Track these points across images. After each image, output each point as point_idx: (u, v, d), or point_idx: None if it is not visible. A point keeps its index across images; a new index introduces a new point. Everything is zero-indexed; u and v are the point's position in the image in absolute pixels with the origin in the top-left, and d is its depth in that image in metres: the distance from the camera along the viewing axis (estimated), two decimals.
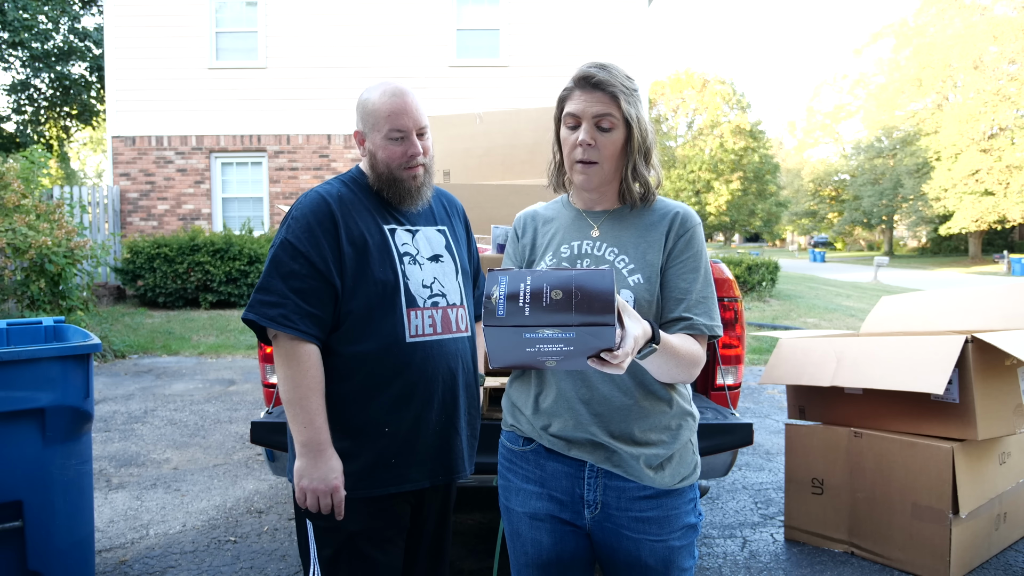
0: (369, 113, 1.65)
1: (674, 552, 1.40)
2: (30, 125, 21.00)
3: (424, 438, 1.65)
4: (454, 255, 1.78)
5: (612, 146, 1.38)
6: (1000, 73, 32.29)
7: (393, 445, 1.62)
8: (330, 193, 1.65)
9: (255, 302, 1.56)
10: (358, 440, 1.61)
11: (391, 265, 1.64)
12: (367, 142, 1.68)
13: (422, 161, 1.67)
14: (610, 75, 1.36)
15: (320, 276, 1.57)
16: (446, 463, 1.70)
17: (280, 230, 1.64)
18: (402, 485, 1.64)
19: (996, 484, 2.91)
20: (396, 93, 1.63)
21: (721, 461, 2.47)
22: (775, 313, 11.23)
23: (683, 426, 1.42)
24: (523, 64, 12.62)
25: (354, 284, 1.60)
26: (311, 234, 1.58)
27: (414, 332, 1.63)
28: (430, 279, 1.69)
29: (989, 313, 3.10)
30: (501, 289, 1.07)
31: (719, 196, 45.16)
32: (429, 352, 1.64)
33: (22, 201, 7.44)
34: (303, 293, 1.55)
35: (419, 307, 1.65)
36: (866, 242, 52.90)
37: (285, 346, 1.55)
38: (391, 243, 1.66)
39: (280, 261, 1.58)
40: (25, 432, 2.28)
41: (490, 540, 3.11)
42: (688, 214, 1.43)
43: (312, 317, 1.56)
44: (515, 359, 1.09)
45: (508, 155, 3.43)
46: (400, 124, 1.63)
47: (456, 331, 1.71)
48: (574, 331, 1.03)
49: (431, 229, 1.76)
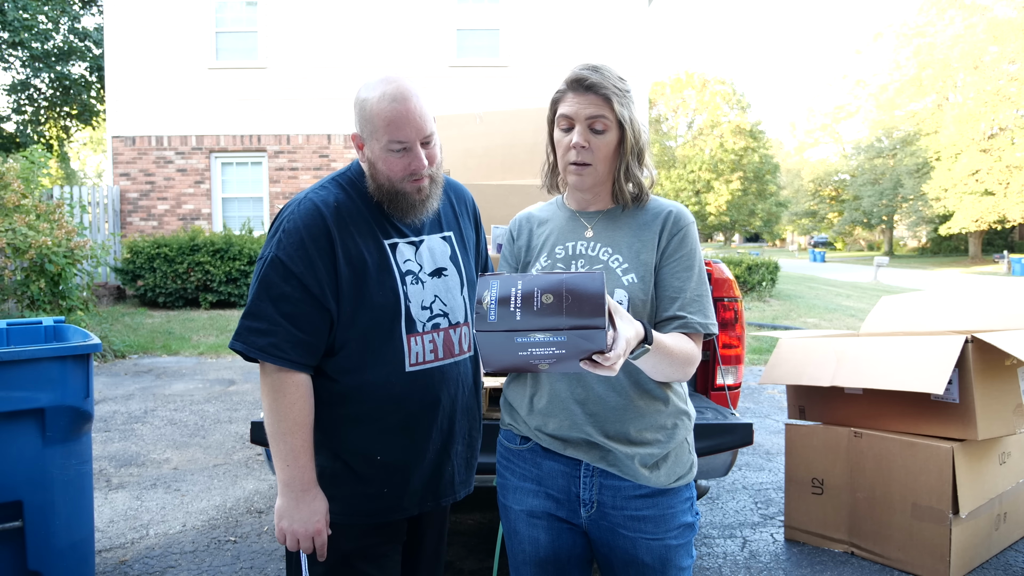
0: (367, 119, 1.46)
1: (671, 551, 1.40)
2: (30, 125, 21.00)
3: (419, 468, 1.55)
4: (459, 266, 1.63)
5: (606, 148, 1.38)
6: (1000, 73, 32.28)
7: (385, 475, 1.52)
8: (326, 202, 1.49)
9: (243, 329, 1.43)
10: (349, 466, 1.52)
11: (391, 287, 1.50)
12: (366, 148, 1.51)
13: (428, 172, 1.50)
14: (603, 77, 1.36)
15: (314, 300, 1.44)
16: (435, 490, 1.60)
17: (269, 243, 1.48)
18: (391, 516, 1.55)
19: (996, 484, 2.91)
20: (397, 97, 1.43)
21: (721, 461, 2.46)
22: (775, 313, 11.23)
23: (679, 425, 1.42)
24: (523, 64, 12.62)
25: (352, 309, 1.47)
26: (304, 252, 1.43)
27: (414, 360, 1.51)
28: (430, 298, 1.55)
29: (989, 313, 3.10)
30: (492, 294, 1.07)
31: (719, 196, 45.16)
32: (429, 380, 1.53)
33: (22, 201, 7.44)
34: (295, 319, 1.43)
35: (419, 332, 1.52)
36: (866, 242, 52.90)
37: (273, 376, 1.43)
38: (392, 261, 1.51)
39: (270, 282, 1.44)
40: (25, 432, 2.28)
41: (490, 540, 3.11)
42: (681, 213, 1.44)
43: (304, 345, 1.44)
44: (508, 363, 1.09)
45: (508, 155, 3.43)
46: (402, 136, 1.44)
47: (459, 354, 1.59)
48: (565, 334, 1.03)
49: (436, 238, 1.61)
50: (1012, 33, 31.09)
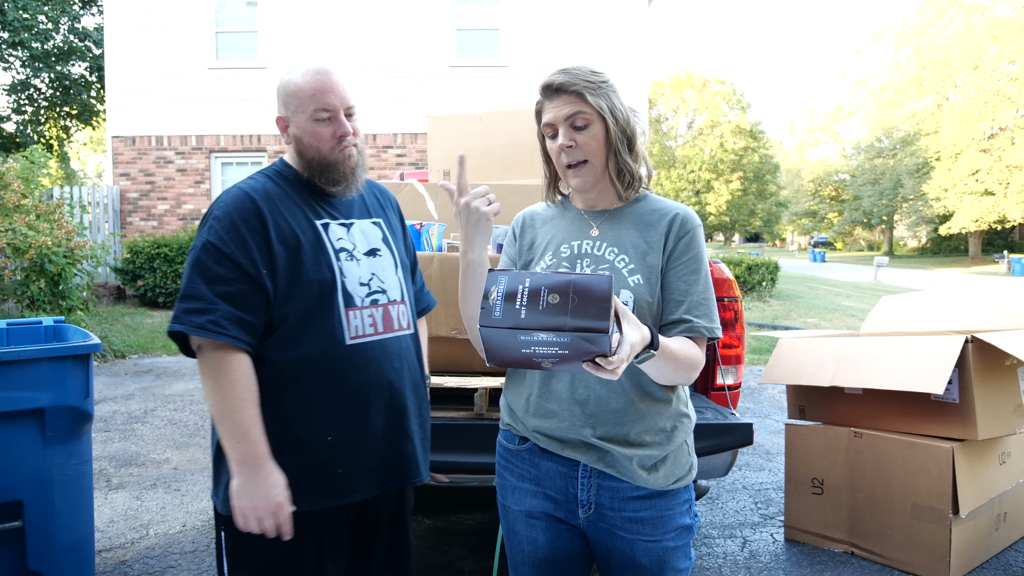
0: (292, 95, 1.52)
1: (669, 553, 1.40)
2: (30, 125, 20.99)
3: (371, 444, 1.54)
4: (392, 249, 1.66)
5: (593, 141, 1.38)
6: (1000, 73, 32.28)
7: (338, 454, 1.50)
8: (254, 188, 1.52)
9: (180, 312, 1.41)
10: (299, 453, 1.49)
11: (326, 263, 1.52)
12: (291, 127, 1.55)
13: (354, 141, 1.56)
14: (570, 76, 1.37)
15: (249, 279, 1.44)
16: (397, 469, 1.59)
17: (200, 232, 1.48)
18: (350, 495, 1.52)
19: (996, 484, 2.91)
20: (319, 71, 1.52)
21: (721, 461, 2.46)
22: (775, 313, 11.23)
23: (678, 427, 1.42)
24: (523, 64, 12.61)
25: (288, 286, 1.48)
26: (237, 234, 1.45)
27: (354, 333, 1.52)
28: (367, 275, 1.57)
29: (989, 313, 3.10)
30: (499, 289, 1.07)
31: (719, 196, 45.15)
32: (372, 354, 1.53)
33: (22, 201, 7.44)
34: (231, 298, 1.42)
35: (357, 306, 1.54)
36: (866, 242, 52.89)
37: (212, 356, 1.41)
38: (325, 239, 1.54)
39: (204, 265, 1.43)
40: (25, 432, 2.28)
41: (490, 540, 3.11)
42: (688, 215, 1.43)
43: (243, 323, 1.42)
44: (511, 359, 1.09)
45: (508, 155, 3.43)
46: (326, 103, 1.51)
47: (399, 329, 1.60)
48: (568, 336, 1.02)
49: (366, 222, 1.64)
50: (1012, 33, 31.09)
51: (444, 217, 2.97)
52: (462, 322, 2.44)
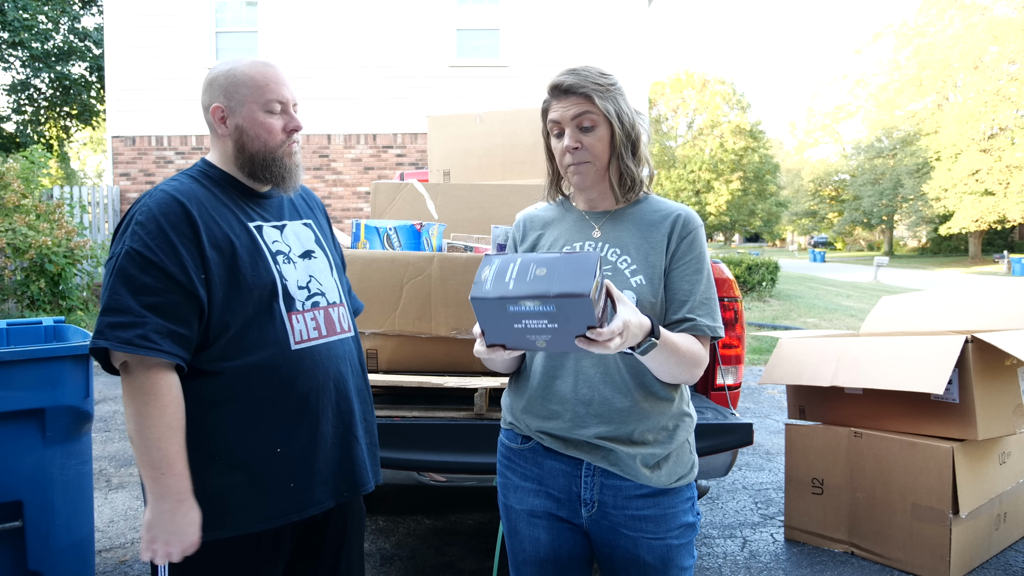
0: (240, 84, 1.44)
1: (672, 550, 1.41)
2: (30, 125, 20.99)
3: (323, 453, 1.47)
4: (325, 250, 1.62)
5: (599, 144, 1.39)
6: (1000, 73, 32.28)
7: (289, 467, 1.42)
8: (180, 191, 1.40)
9: (104, 327, 1.30)
10: (247, 469, 1.39)
11: (264, 266, 1.44)
12: (232, 118, 1.46)
13: (297, 138, 1.52)
14: (579, 77, 1.37)
15: (180, 288, 1.33)
16: (349, 477, 1.53)
17: (120, 239, 1.36)
18: (306, 510, 1.45)
19: (996, 484, 2.91)
20: (268, 64, 1.47)
21: (721, 461, 2.46)
22: (775, 313, 11.23)
23: (680, 426, 1.43)
24: (523, 64, 12.61)
25: (226, 294, 1.38)
26: (165, 239, 1.34)
27: (299, 338, 1.45)
28: (305, 278, 1.51)
29: (989, 313, 3.10)
30: (492, 268, 1.13)
31: (719, 196, 45.15)
32: (317, 358, 1.47)
33: (22, 201, 7.45)
34: (161, 309, 1.31)
35: (299, 310, 1.47)
36: (866, 242, 52.90)
37: (141, 376, 1.30)
38: (260, 242, 1.46)
39: (128, 275, 1.31)
40: (25, 432, 2.28)
41: (490, 540, 3.11)
42: (690, 216, 1.44)
43: (176, 336, 1.32)
44: (505, 337, 1.12)
45: (508, 155, 3.43)
46: (281, 95, 1.47)
47: (341, 332, 1.55)
48: (553, 303, 1.05)
49: (297, 223, 1.58)
50: (1012, 33, 31.09)
51: (444, 217, 2.97)
52: (462, 322, 2.45)
